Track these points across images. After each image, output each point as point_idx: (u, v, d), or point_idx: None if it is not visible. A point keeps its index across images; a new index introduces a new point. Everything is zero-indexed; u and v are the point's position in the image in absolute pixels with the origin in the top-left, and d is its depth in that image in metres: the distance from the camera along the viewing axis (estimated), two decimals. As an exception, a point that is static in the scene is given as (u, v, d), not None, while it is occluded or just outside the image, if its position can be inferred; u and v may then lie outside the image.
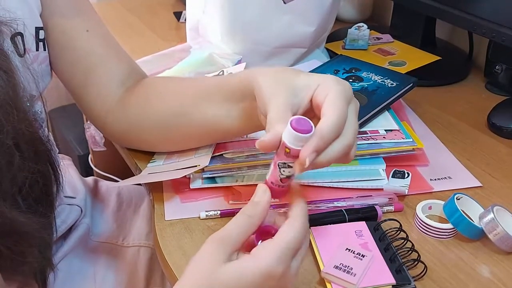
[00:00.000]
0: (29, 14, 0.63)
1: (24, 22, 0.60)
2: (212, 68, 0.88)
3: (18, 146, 0.51)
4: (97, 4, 1.36)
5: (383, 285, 0.52)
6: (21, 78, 0.55)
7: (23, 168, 0.52)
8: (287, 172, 0.48)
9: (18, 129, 0.52)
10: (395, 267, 0.54)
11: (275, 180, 0.49)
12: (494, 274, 0.56)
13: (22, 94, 0.54)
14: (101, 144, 1.01)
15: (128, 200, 0.90)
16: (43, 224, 0.55)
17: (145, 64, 0.95)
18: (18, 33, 0.60)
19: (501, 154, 0.76)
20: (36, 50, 0.65)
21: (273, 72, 0.54)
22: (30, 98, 0.58)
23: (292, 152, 0.47)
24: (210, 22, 0.94)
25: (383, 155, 0.69)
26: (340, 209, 0.62)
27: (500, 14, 0.83)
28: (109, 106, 0.70)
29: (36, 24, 0.65)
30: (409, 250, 0.56)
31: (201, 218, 0.63)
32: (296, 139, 0.46)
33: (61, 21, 0.67)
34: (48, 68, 0.69)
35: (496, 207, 0.59)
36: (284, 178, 0.48)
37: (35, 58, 0.65)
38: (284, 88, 0.52)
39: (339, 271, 0.53)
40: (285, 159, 0.47)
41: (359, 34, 1.08)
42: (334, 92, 0.50)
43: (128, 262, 0.81)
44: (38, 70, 0.65)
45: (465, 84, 0.98)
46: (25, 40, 0.62)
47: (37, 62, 0.66)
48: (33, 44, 0.65)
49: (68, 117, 1.49)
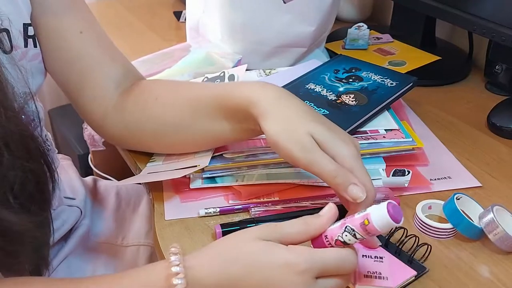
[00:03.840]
0: (15, 10, 0.62)
1: (9, 18, 0.58)
2: (212, 68, 0.88)
3: (7, 145, 0.51)
4: (97, 3, 1.36)
5: (408, 280, 0.53)
6: (8, 75, 0.54)
7: (13, 167, 0.51)
8: (348, 239, 0.47)
9: (7, 128, 0.51)
10: (406, 259, 0.54)
11: (331, 237, 0.47)
12: (494, 274, 0.55)
13: (10, 92, 0.53)
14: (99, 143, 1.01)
15: (127, 199, 0.90)
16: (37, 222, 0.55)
17: (144, 64, 0.95)
18: (2, 29, 0.59)
19: (501, 154, 0.76)
20: (24, 47, 0.64)
21: (281, 121, 0.55)
22: (24, 96, 0.57)
23: (370, 229, 0.46)
24: (210, 21, 0.94)
25: (383, 155, 0.69)
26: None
27: (500, 14, 0.83)
28: (106, 109, 0.69)
29: (24, 21, 0.63)
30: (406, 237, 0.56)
31: (200, 215, 0.63)
32: (386, 224, 0.45)
33: (54, 20, 0.66)
34: (41, 66, 0.68)
35: (496, 207, 0.59)
36: (340, 242, 0.47)
37: (23, 55, 0.64)
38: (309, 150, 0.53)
39: (372, 279, 0.52)
40: (358, 228, 0.46)
41: (359, 34, 1.08)
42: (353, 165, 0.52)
43: (127, 262, 0.81)
44: (28, 67, 0.63)
45: (465, 84, 0.98)
46: (11, 37, 0.61)
47: (26, 59, 0.64)
48: (21, 41, 0.63)
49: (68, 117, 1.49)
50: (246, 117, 0.59)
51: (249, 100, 0.57)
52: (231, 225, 0.59)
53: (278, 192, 0.66)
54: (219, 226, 0.59)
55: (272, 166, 0.67)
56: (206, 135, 0.65)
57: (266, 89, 0.58)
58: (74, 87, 0.70)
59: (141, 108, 0.68)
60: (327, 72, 0.84)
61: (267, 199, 0.64)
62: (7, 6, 0.60)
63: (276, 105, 0.56)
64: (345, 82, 0.81)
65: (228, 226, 0.59)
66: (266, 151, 0.67)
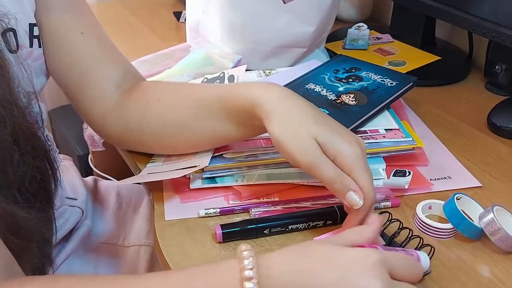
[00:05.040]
0: (21, 9, 0.62)
1: (16, 17, 0.59)
2: (211, 68, 0.88)
3: (18, 142, 0.51)
4: (97, 4, 1.36)
5: None
6: (15, 73, 0.55)
7: (22, 163, 0.51)
8: None
9: (17, 125, 0.51)
10: None
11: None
12: (494, 274, 0.55)
13: (17, 90, 0.54)
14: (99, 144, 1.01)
15: (128, 200, 0.90)
16: (42, 219, 0.55)
17: (144, 64, 0.95)
18: (9, 28, 0.59)
19: (501, 154, 0.76)
20: (30, 47, 0.64)
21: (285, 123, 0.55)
22: (26, 95, 0.58)
23: None
24: (210, 21, 0.94)
25: (383, 155, 0.69)
26: (332, 205, 0.62)
27: (500, 14, 0.83)
28: (106, 109, 0.70)
29: (29, 20, 0.64)
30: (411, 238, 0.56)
31: (200, 216, 0.63)
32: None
33: (56, 20, 0.67)
34: (44, 66, 0.68)
35: (496, 207, 0.59)
36: None
37: (28, 54, 0.64)
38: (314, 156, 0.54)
39: None
40: None
41: (359, 34, 1.08)
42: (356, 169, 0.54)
43: (128, 262, 0.81)
44: (33, 66, 0.64)
45: (465, 84, 0.98)
46: (18, 36, 0.61)
47: (31, 59, 0.65)
48: (27, 40, 0.64)
49: (68, 117, 1.49)
50: (250, 117, 0.59)
51: (253, 102, 0.57)
52: (231, 225, 0.59)
53: (278, 193, 0.66)
54: (219, 227, 0.59)
55: (272, 166, 0.67)
56: (209, 135, 0.65)
57: (270, 89, 0.58)
58: (74, 87, 0.70)
59: (143, 109, 0.68)
60: (327, 72, 0.84)
61: (267, 200, 0.64)
62: (14, 5, 0.60)
63: (280, 107, 0.56)
64: (345, 82, 0.81)
65: (228, 227, 0.59)
66: (266, 151, 0.67)
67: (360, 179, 0.53)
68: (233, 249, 0.58)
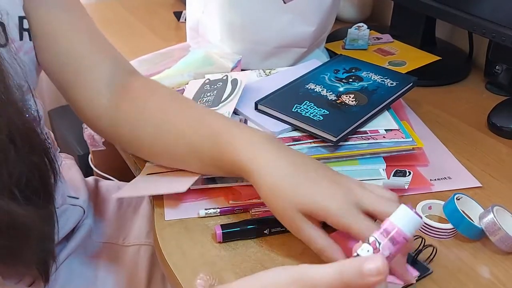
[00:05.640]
0: (10, 2, 0.61)
1: (7, 11, 0.58)
2: (211, 68, 0.88)
3: (13, 140, 0.51)
4: (96, 4, 1.36)
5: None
6: (8, 68, 0.54)
7: (19, 161, 0.51)
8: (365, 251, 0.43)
9: (12, 123, 0.51)
10: (410, 260, 0.54)
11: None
12: (494, 275, 0.55)
13: (11, 84, 0.53)
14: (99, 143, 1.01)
15: (128, 199, 0.90)
16: (43, 215, 0.55)
17: (144, 63, 0.95)
18: None
19: (501, 154, 0.76)
20: (20, 40, 0.63)
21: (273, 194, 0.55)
22: (19, 88, 0.57)
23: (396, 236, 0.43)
24: (209, 21, 0.94)
25: (383, 155, 0.69)
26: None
27: (500, 14, 0.83)
28: (99, 107, 0.69)
29: (19, 13, 0.62)
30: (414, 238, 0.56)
31: (200, 216, 0.63)
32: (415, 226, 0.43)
33: (44, 14, 0.65)
34: (35, 59, 0.67)
35: (496, 207, 0.59)
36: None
37: (20, 48, 0.63)
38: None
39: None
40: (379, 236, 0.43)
41: (359, 34, 1.08)
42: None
43: (129, 261, 0.81)
44: (25, 60, 0.63)
45: (465, 84, 0.98)
46: (7, 30, 0.60)
47: (22, 52, 0.63)
48: (17, 34, 0.62)
49: (68, 117, 1.48)
50: (242, 175, 0.59)
51: (240, 169, 0.57)
52: (231, 226, 0.59)
53: (278, 193, 0.65)
54: (219, 227, 0.59)
55: (272, 166, 0.67)
56: (197, 170, 0.65)
57: (258, 156, 0.56)
58: (66, 85, 0.69)
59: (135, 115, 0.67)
60: (327, 72, 0.84)
61: (267, 200, 0.64)
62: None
63: (266, 178, 0.55)
64: (345, 82, 0.81)
65: (228, 227, 0.59)
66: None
67: (352, 230, 0.51)
68: (233, 249, 0.58)
